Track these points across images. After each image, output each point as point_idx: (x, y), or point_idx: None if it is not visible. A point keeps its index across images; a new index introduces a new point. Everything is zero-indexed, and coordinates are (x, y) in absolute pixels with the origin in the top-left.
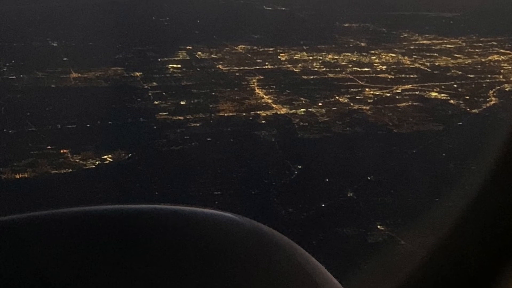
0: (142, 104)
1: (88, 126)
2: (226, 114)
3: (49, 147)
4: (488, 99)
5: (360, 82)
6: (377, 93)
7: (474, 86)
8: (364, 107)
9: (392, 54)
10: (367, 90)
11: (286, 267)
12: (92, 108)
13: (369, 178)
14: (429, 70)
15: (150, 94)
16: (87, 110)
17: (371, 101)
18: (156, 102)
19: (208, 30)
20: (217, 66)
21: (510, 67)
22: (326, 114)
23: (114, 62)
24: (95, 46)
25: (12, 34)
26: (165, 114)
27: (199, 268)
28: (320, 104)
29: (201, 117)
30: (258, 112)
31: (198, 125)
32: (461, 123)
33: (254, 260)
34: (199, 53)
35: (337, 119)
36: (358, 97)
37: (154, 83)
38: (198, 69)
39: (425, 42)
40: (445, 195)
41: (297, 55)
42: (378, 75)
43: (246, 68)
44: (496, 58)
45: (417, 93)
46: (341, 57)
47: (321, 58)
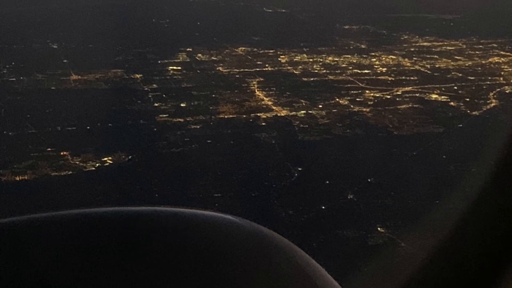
0: (142, 106)
1: (88, 128)
2: (226, 116)
3: (49, 149)
4: (488, 101)
5: (360, 84)
6: (377, 95)
7: (474, 88)
8: (364, 109)
9: (392, 56)
10: (367, 92)
11: (286, 269)
12: (92, 110)
13: (369, 180)
14: (429, 72)
15: (150, 96)
16: (87, 112)
17: (371, 103)
18: (156, 104)
19: (208, 32)
20: (217, 68)
21: (511, 69)
22: (326, 116)
23: (114, 64)
24: (95, 48)
25: (12, 36)
26: (165, 116)
27: (200, 270)
28: (320, 106)
29: (201, 119)
30: (258, 114)
31: (198, 127)
32: (461, 125)
33: (255, 262)
34: (199, 55)
35: (337, 121)
36: (358, 99)
37: (154, 85)
38: (198, 71)
39: (425, 44)
40: (445, 197)
41: (297, 57)
42: (378, 77)
43: (246, 70)
44: (496, 60)
45: (417, 95)
46: (341, 59)
47: (321, 60)
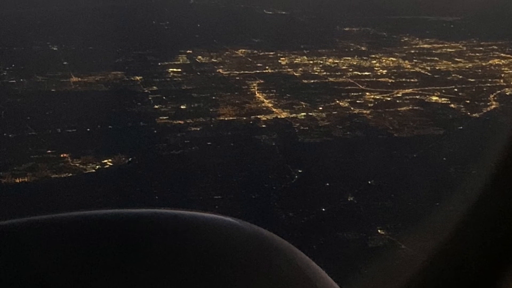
0: (142, 108)
1: (88, 130)
2: (226, 118)
3: (49, 151)
4: (488, 103)
5: (360, 86)
6: (377, 97)
7: (474, 90)
8: (364, 111)
9: (392, 58)
10: (368, 94)
11: (286, 272)
12: (92, 112)
13: (369, 182)
14: (429, 74)
15: (150, 98)
16: (87, 114)
17: (372, 105)
18: (156, 106)
19: (208, 34)
20: (217, 70)
21: (511, 71)
22: (326, 118)
23: (114, 66)
24: (95, 50)
25: (12, 38)
26: (165, 118)
27: (200, 272)
28: (320, 108)
29: (201, 121)
30: (259, 116)
31: (198, 129)
32: (461, 127)
33: (255, 264)
34: (200, 57)
35: (337, 123)
36: (358, 101)
37: (154, 87)
38: (199, 73)
39: (425, 46)
40: (445, 200)
41: (297, 59)
42: (379, 79)
43: (246, 72)
44: (496, 62)
45: (417, 97)
46: (341, 61)
47: (321, 62)
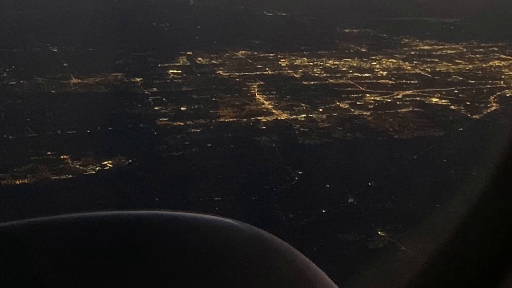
0: (142, 109)
1: (88, 132)
2: (226, 120)
3: (49, 153)
4: (489, 105)
5: (360, 88)
6: (377, 98)
7: (475, 91)
8: (364, 113)
9: (392, 60)
10: (368, 95)
11: (286, 273)
12: (92, 114)
13: (369, 184)
14: (429, 75)
15: (150, 99)
16: (87, 116)
17: (372, 106)
18: (156, 108)
19: (208, 35)
20: (217, 72)
21: (511, 73)
22: (326, 120)
23: (114, 68)
24: (95, 51)
25: (12, 40)
26: (165, 119)
27: (200, 274)
28: (320, 109)
29: (201, 123)
30: (259, 117)
31: (198, 131)
32: (462, 129)
33: (255, 266)
34: (200, 58)
35: (337, 125)
36: (358, 102)
37: (155, 89)
38: (199, 74)
39: (426, 47)
40: (446, 201)
41: (297, 61)
42: (379, 81)
43: (246, 73)
44: (497, 64)
45: (417, 98)
46: (341, 62)
47: (321, 63)
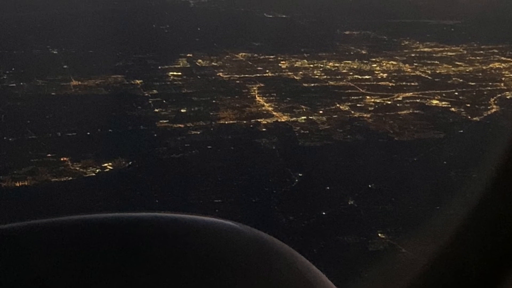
0: (142, 111)
1: (88, 134)
2: (226, 122)
3: (49, 155)
4: (489, 107)
5: (361, 90)
6: (378, 100)
7: (475, 93)
8: (365, 115)
9: (393, 62)
10: (368, 97)
11: (287, 276)
12: (92, 116)
13: (370, 186)
14: (430, 77)
15: (150, 101)
16: (87, 118)
17: (372, 108)
18: (156, 110)
19: (208, 37)
20: (217, 74)
21: (511, 75)
22: (327, 122)
23: (115, 70)
24: (96, 53)
25: (12, 42)
26: (165, 122)
27: (200, 276)
28: (321, 111)
29: (201, 125)
30: (259, 120)
31: (198, 133)
32: (462, 131)
33: (255, 268)
34: (200, 60)
35: (338, 127)
36: (359, 104)
37: (155, 91)
38: (199, 76)
39: (426, 49)
40: (446, 203)
41: (297, 63)
42: (379, 83)
43: (246, 75)
44: (497, 66)
45: (418, 100)
46: (342, 64)
47: (322, 65)
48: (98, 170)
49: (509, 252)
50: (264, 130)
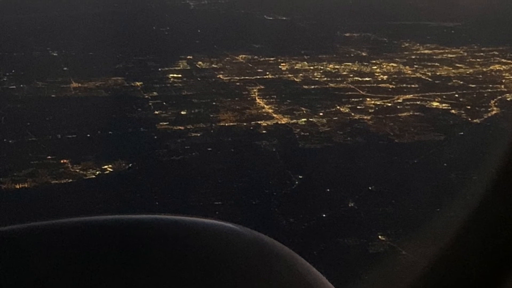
0: (142, 114)
1: (88, 136)
2: (226, 124)
3: (49, 157)
4: (489, 109)
5: (361, 92)
6: (378, 103)
7: (475, 96)
8: (365, 117)
9: (393, 64)
10: (368, 100)
11: (287, 278)
12: (92, 118)
13: (370, 188)
14: (430, 80)
15: (150, 104)
16: (88, 120)
17: (372, 111)
18: (156, 112)
19: (208, 39)
20: (217, 76)
21: None
22: (327, 124)
23: (115, 72)
24: (96, 56)
25: (12, 44)
26: (165, 124)
27: (200, 278)
28: (321, 114)
29: (201, 127)
30: (259, 122)
31: (198, 135)
32: (462, 133)
33: (255, 270)
34: (200, 62)
35: (338, 129)
36: (359, 107)
37: (155, 93)
38: (199, 78)
39: (426, 51)
40: (446, 205)
41: (298, 65)
42: (379, 85)
43: (246, 77)
44: (497, 68)
45: (418, 103)
46: (342, 66)
47: (322, 67)
48: (98, 172)
49: (509, 254)
50: (264, 132)
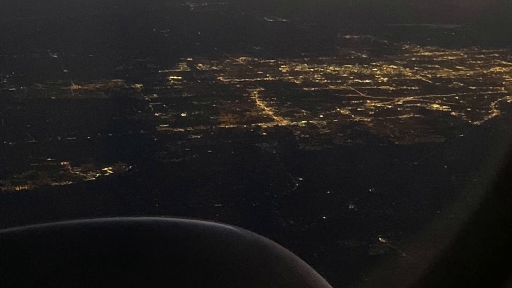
0: (142, 116)
1: (88, 138)
2: (227, 126)
3: (49, 159)
4: (489, 111)
5: (361, 94)
6: (378, 105)
7: (475, 98)
8: (365, 119)
9: (393, 66)
10: (369, 102)
11: (287, 280)
12: (92, 120)
13: (370, 190)
14: (430, 82)
15: (150, 106)
16: (88, 122)
17: (373, 113)
18: (156, 114)
19: (208, 41)
20: (217, 78)
21: None
22: (327, 126)
23: (115, 74)
24: (96, 58)
25: (12, 46)
26: (165, 126)
27: (200, 280)
28: (321, 116)
29: (201, 129)
30: (259, 124)
31: (198, 137)
32: (462, 135)
33: (255, 272)
34: (200, 64)
35: (338, 131)
36: (359, 109)
37: (155, 95)
38: (199, 80)
39: (426, 53)
40: (446, 208)
41: (298, 67)
42: (380, 87)
43: (247, 80)
44: (498, 70)
45: (418, 105)
46: (342, 68)
47: (322, 69)
48: (98, 174)
49: (509, 256)
50: (264, 134)
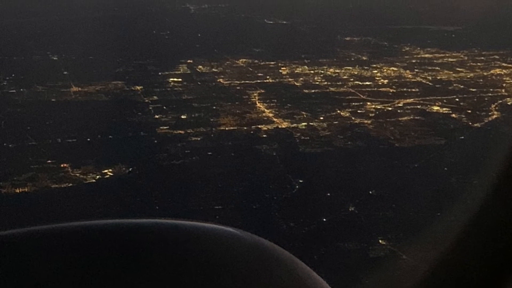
0: (142, 118)
1: (88, 140)
2: (227, 128)
3: (49, 161)
4: (490, 113)
5: (361, 96)
6: (378, 107)
7: (476, 100)
8: (365, 121)
9: (393, 68)
10: (369, 104)
11: (287, 282)
12: (92, 122)
13: (370, 192)
14: (431, 84)
15: (150, 108)
16: (88, 124)
17: (373, 115)
18: (156, 116)
19: (209, 44)
20: (218, 80)
21: None
22: (327, 128)
23: (115, 76)
24: (96, 60)
25: (12, 48)
26: (165, 128)
27: (200, 283)
28: (321, 118)
29: (202, 131)
30: (259, 126)
31: (199, 139)
32: (463, 137)
33: (256, 274)
34: (200, 67)
35: (338, 133)
36: (359, 111)
37: (155, 97)
38: (199, 83)
39: (427, 56)
40: (447, 210)
41: (298, 69)
42: (380, 89)
43: (247, 82)
44: (498, 72)
45: (418, 107)
46: (342, 71)
47: (322, 72)
48: (98, 177)
49: (509, 258)
50: (264, 136)
